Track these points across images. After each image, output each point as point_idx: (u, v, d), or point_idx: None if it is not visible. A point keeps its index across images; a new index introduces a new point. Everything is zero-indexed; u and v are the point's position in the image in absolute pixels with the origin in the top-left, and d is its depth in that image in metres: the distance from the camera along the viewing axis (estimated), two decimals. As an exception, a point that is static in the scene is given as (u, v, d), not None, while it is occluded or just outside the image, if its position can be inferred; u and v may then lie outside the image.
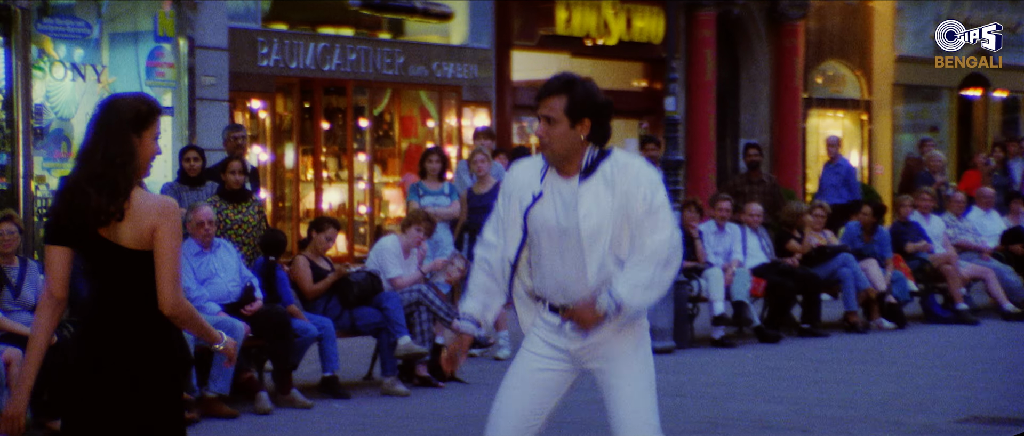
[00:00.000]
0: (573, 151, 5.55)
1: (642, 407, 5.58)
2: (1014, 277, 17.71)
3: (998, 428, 10.09)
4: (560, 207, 5.56)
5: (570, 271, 5.58)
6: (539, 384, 5.70)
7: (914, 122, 27.43)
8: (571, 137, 5.52)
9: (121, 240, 5.13)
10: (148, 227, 5.11)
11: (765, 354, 14.08)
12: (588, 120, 5.52)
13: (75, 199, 5.14)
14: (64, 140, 16.44)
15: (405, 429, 10.15)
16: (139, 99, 5.37)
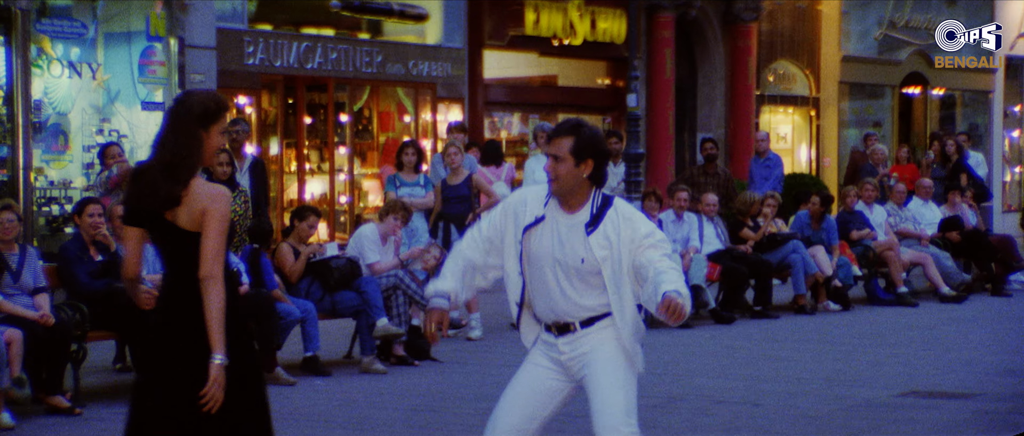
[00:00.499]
0: (577, 187, 5.77)
1: (615, 398, 5.67)
2: (950, 263, 17.81)
3: (934, 401, 10.16)
4: (558, 240, 5.77)
5: (563, 296, 5.77)
6: (537, 392, 5.87)
7: (859, 118, 27.53)
8: (575, 175, 5.74)
9: (179, 222, 5.42)
10: (199, 210, 5.38)
11: (720, 334, 14.13)
12: (591, 161, 5.74)
13: (146, 184, 5.45)
14: (61, 134, 16.40)
15: (383, 405, 10.16)
16: (209, 96, 5.62)
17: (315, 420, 9.66)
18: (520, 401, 5.86)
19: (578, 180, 5.74)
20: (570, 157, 5.73)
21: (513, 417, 5.84)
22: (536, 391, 5.86)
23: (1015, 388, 10.79)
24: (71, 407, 9.79)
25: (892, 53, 27.59)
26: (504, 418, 5.84)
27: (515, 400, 5.87)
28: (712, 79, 24.93)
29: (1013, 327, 14.90)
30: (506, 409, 5.86)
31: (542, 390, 5.86)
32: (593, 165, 5.74)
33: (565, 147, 5.73)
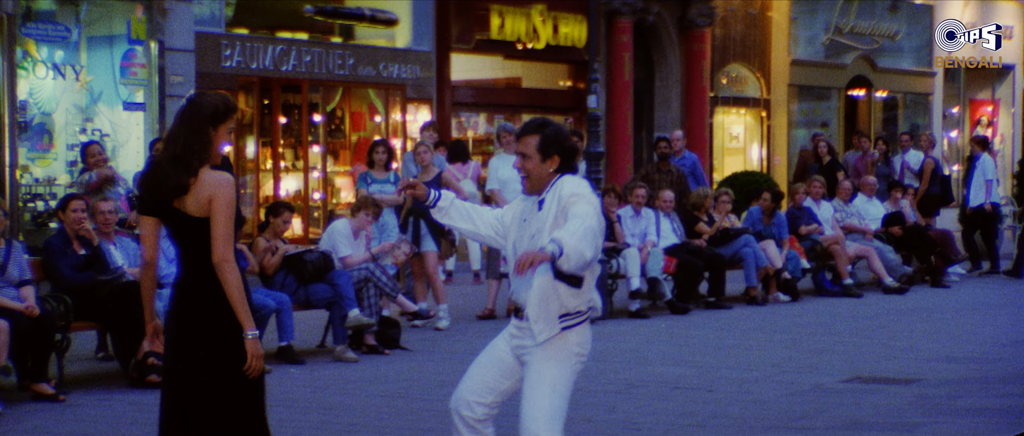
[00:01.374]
0: (544, 181, 5.85)
1: (541, 405, 5.69)
2: (893, 256, 17.90)
3: (877, 386, 10.21)
4: (527, 228, 5.88)
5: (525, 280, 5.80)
6: (496, 366, 5.96)
7: (807, 118, 27.63)
8: (542, 170, 5.84)
9: (188, 210, 5.58)
10: (206, 197, 5.54)
11: (676, 324, 14.17)
12: (557, 156, 5.83)
13: (157, 175, 5.62)
14: (46, 133, 16.33)
15: (355, 392, 10.15)
16: (220, 98, 5.78)
17: (290, 406, 9.64)
18: (480, 373, 5.97)
19: (546, 175, 5.82)
20: (536, 154, 5.81)
21: (471, 382, 5.96)
22: (493, 366, 5.96)
23: (954, 373, 10.86)
24: (55, 394, 9.75)
25: (838, 57, 27.70)
26: (464, 382, 5.98)
27: (476, 369, 6.00)
28: (668, 81, 24.97)
29: (951, 317, 14.99)
30: (469, 375, 6.00)
31: (498, 366, 5.95)
32: (559, 160, 5.82)
33: (532, 145, 5.82)
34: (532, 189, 5.86)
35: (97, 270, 10.52)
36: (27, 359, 9.80)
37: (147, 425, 8.95)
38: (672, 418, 8.96)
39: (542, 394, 5.71)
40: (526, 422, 5.70)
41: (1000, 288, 18.28)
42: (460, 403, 5.92)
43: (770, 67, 26.46)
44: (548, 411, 5.69)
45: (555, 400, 5.71)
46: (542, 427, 5.67)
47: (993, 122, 31.71)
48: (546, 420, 5.68)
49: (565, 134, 5.93)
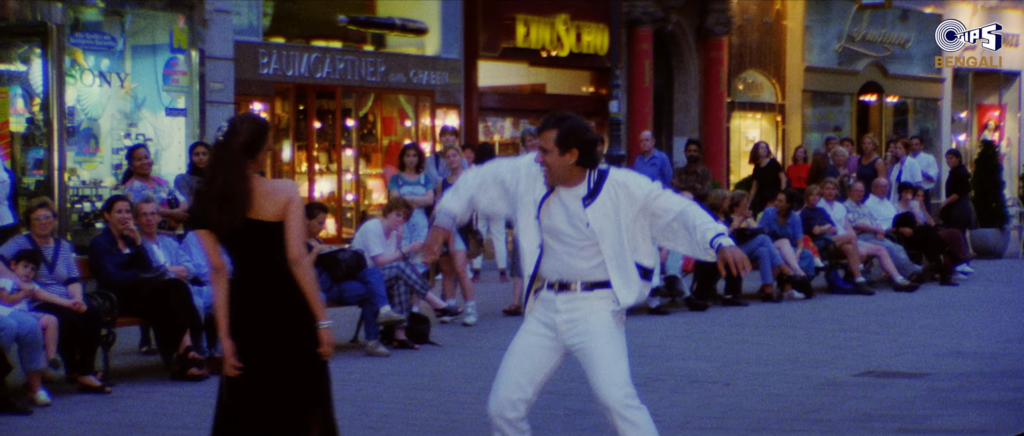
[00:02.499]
0: (567, 173, 5.79)
1: (616, 369, 5.72)
2: (904, 255, 17.83)
3: (889, 380, 10.17)
4: (566, 214, 5.81)
5: (573, 261, 5.81)
6: (531, 359, 5.89)
7: (821, 123, 27.55)
8: (562, 162, 5.77)
9: (264, 217, 5.65)
10: (283, 202, 5.65)
11: (694, 320, 14.14)
12: (576, 149, 5.75)
13: (199, 210, 5.70)
14: (93, 138, 16.41)
15: (385, 384, 10.16)
16: (248, 126, 5.73)
17: (324, 398, 9.65)
18: (517, 368, 5.89)
19: (566, 167, 5.77)
20: (556, 147, 5.76)
21: (510, 383, 5.87)
22: (530, 358, 5.89)
23: (962, 368, 10.81)
24: (101, 386, 9.79)
25: (850, 64, 27.62)
26: (502, 384, 5.88)
27: (512, 367, 5.90)
28: (687, 87, 24.93)
29: (959, 313, 14.93)
30: (503, 377, 5.90)
31: (535, 357, 5.89)
32: (578, 153, 5.76)
33: (550, 139, 5.77)
34: (554, 181, 5.80)
35: (140, 268, 10.55)
36: (74, 353, 9.84)
37: (188, 416, 8.98)
38: (691, 411, 8.95)
39: (614, 360, 5.74)
40: (607, 388, 5.68)
41: (1008, 286, 18.18)
42: (503, 406, 5.84)
43: (785, 73, 26.40)
44: (624, 374, 5.74)
45: (624, 362, 5.77)
46: (623, 390, 5.69)
47: (1000, 126, 31.57)
48: (625, 382, 5.72)
49: (583, 127, 5.85)
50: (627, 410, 5.66)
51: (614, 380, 5.68)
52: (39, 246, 10.10)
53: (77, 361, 9.86)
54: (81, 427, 8.65)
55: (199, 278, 11.03)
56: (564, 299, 5.84)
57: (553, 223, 5.82)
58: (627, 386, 5.70)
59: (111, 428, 8.61)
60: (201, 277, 11.05)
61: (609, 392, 5.66)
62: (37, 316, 9.52)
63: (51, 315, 9.61)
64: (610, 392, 5.66)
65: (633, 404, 5.68)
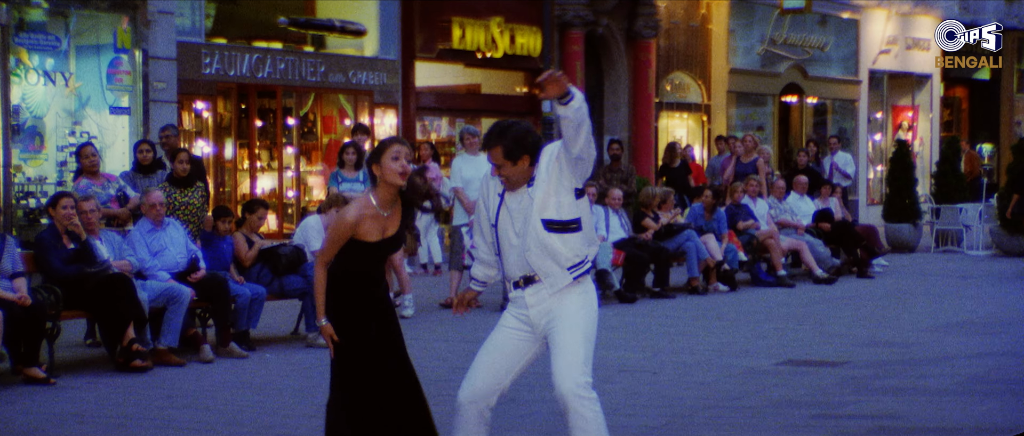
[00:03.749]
0: (525, 176, 5.76)
1: (574, 357, 5.63)
2: (824, 249, 18.03)
3: (808, 368, 10.26)
4: (519, 208, 5.76)
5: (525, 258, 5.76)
6: (507, 352, 5.85)
7: (744, 122, 27.73)
8: (517, 171, 5.74)
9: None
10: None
11: (624, 312, 14.20)
12: (526, 156, 5.73)
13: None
14: (37, 135, 16.23)
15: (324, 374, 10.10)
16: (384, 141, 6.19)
17: (264, 389, 9.63)
18: (493, 361, 5.85)
19: (524, 172, 5.74)
20: (507, 161, 5.72)
21: (487, 375, 5.83)
22: (506, 352, 5.85)
23: (878, 357, 10.94)
24: (46, 377, 9.71)
25: (772, 66, 27.84)
26: (479, 375, 5.84)
27: (488, 359, 5.86)
28: (617, 88, 25.01)
29: (876, 305, 15.10)
30: (480, 368, 5.85)
31: (511, 350, 5.85)
32: (529, 159, 5.73)
33: (499, 155, 5.73)
34: (515, 187, 5.77)
35: (85, 263, 10.46)
36: (20, 345, 9.76)
37: (131, 406, 8.92)
38: (619, 399, 8.98)
39: (577, 343, 5.66)
40: (563, 369, 5.61)
41: (920, 279, 18.42)
42: (478, 396, 5.80)
43: (710, 75, 26.55)
44: (583, 357, 5.65)
45: (588, 347, 5.69)
46: (580, 373, 5.61)
47: (913, 126, 31.95)
48: (582, 365, 5.64)
49: (523, 132, 5.79)
50: (576, 400, 5.58)
51: (569, 369, 5.61)
52: (-15, 241, 9.97)
53: (22, 353, 9.78)
54: (27, 417, 8.56)
55: (143, 272, 10.95)
56: (531, 292, 5.79)
57: (508, 224, 5.79)
58: (581, 376, 5.61)
59: (56, 418, 8.53)
60: (144, 271, 10.97)
61: (561, 380, 5.61)
62: (-17, 310, 9.41)
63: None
64: (562, 380, 5.61)
65: (584, 394, 5.60)
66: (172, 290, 10.81)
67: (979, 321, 13.41)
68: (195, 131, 18.64)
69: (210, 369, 10.50)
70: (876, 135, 31.26)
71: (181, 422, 8.37)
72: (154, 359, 10.47)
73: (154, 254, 11.14)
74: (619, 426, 8.06)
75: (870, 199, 29.82)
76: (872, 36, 30.05)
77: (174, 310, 10.74)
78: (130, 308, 10.33)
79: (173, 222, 11.52)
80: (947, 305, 14.97)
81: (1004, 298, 15.70)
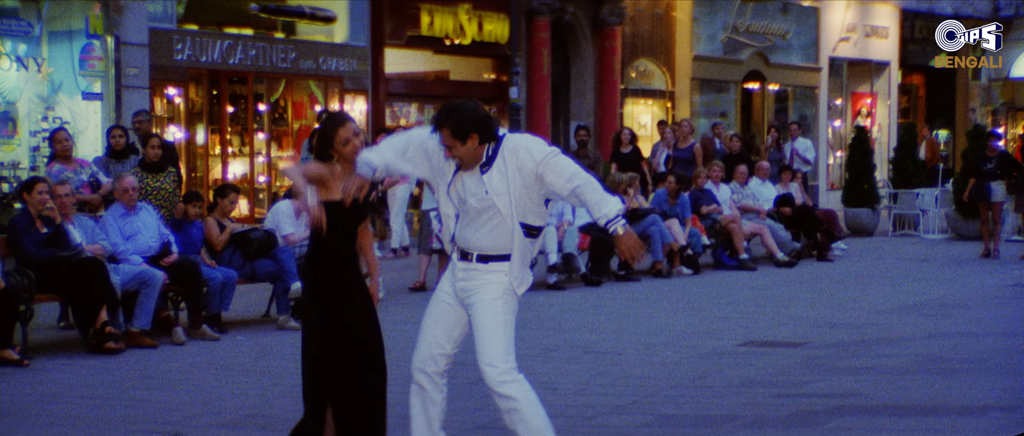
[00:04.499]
0: (476, 155, 5.73)
1: (493, 346, 5.70)
2: (785, 233, 18.10)
3: (769, 349, 10.29)
4: (471, 185, 5.76)
5: (474, 232, 5.79)
6: (444, 317, 5.93)
7: (708, 109, 27.81)
8: (468, 150, 5.70)
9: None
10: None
11: (589, 295, 14.24)
12: (475, 134, 5.68)
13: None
14: (10, 120, 16.14)
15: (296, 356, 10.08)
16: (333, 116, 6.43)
17: (237, 369, 9.62)
18: (432, 325, 5.95)
19: (473, 152, 5.72)
20: (456, 141, 5.70)
21: (427, 339, 5.93)
22: (440, 318, 5.94)
23: (837, 338, 11.01)
24: (20, 360, 9.67)
25: (735, 54, 27.92)
26: (422, 341, 5.95)
27: (428, 325, 5.96)
28: (583, 75, 25.04)
29: (835, 287, 15.19)
30: (425, 334, 5.96)
31: (444, 317, 5.93)
32: (477, 136, 5.69)
33: (448, 136, 5.71)
34: (468, 166, 5.77)
35: (58, 247, 10.41)
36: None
37: (104, 386, 8.90)
38: (584, 378, 9.02)
39: (496, 333, 5.72)
40: (486, 357, 5.69)
41: (878, 262, 18.54)
42: (424, 361, 5.90)
43: (674, 62, 26.61)
44: (504, 345, 5.71)
45: (507, 335, 5.76)
46: (501, 360, 5.68)
47: (871, 113, 32.12)
48: (504, 353, 5.70)
49: (469, 111, 5.73)
50: (501, 386, 5.67)
51: (489, 357, 5.70)
52: (-42, 225, 9.91)
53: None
54: (1, 398, 8.52)
55: (115, 256, 10.91)
56: (463, 267, 5.86)
57: (461, 196, 5.81)
58: (502, 362, 5.69)
59: (30, 399, 8.49)
60: (117, 255, 10.93)
61: (485, 370, 5.71)
62: (-43, 293, 9.35)
63: (-28, 290, 9.45)
64: (485, 370, 5.71)
65: (507, 379, 5.67)
66: (144, 274, 10.77)
67: (934, 303, 13.51)
68: (167, 117, 18.55)
69: (182, 351, 10.48)
70: (836, 121, 31.41)
71: (154, 402, 8.36)
72: (127, 341, 10.44)
73: (127, 238, 11.10)
74: (585, 404, 8.10)
75: (830, 184, 29.96)
76: (832, 24, 30.17)
77: (146, 293, 10.70)
78: (103, 291, 10.29)
79: (145, 207, 11.47)
80: (904, 287, 15.07)
81: (959, 281, 15.83)
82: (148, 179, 12.31)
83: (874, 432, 7.17)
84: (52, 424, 7.73)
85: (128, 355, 10.17)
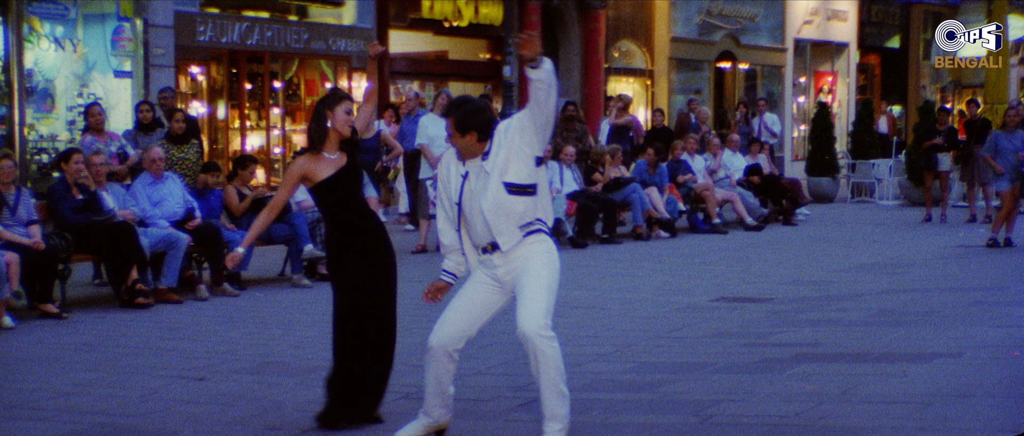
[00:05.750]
0: (472, 149, 5.66)
1: (537, 304, 5.54)
2: (754, 200, 18.15)
3: (739, 304, 10.32)
4: (480, 184, 5.65)
5: (488, 226, 5.65)
6: (478, 302, 5.74)
7: (684, 86, 27.77)
8: (465, 143, 5.66)
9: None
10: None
11: (576, 256, 14.27)
12: (474, 132, 5.64)
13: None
14: (49, 97, 16.10)
15: (308, 311, 10.16)
16: (333, 91, 6.43)
17: (254, 322, 9.65)
18: (464, 310, 5.75)
19: (470, 145, 5.67)
20: (456, 132, 5.67)
21: (457, 323, 5.74)
22: (476, 303, 5.75)
23: (800, 294, 11.06)
24: (59, 313, 9.72)
25: (709, 35, 27.86)
26: (450, 323, 5.75)
27: (460, 309, 5.75)
28: (570, 54, 24.98)
29: (799, 249, 15.24)
30: (451, 316, 5.76)
31: (481, 302, 5.75)
32: (477, 134, 5.65)
33: (451, 125, 5.68)
34: (465, 156, 5.71)
35: (92, 212, 10.43)
36: (36, 285, 9.76)
37: (135, 337, 8.95)
38: (572, 331, 9.07)
39: (540, 292, 5.56)
40: (526, 315, 5.52)
41: (838, 226, 18.58)
42: (446, 341, 5.72)
43: (653, 43, 26.55)
44: (545, 306, 5.55)
45: (550, 297, 5.61)
46: (541, 318, 5.51)
47: (832, 90, 32.11)
48: (544, 311, 5.54)
49: (475, 110, 5.68)
50: (539, 339, 5.50)
51: (532, 313, 5.52)
52: (2, 192, 9.94)
53: (37, 292, 9.78)
54: (41, 347, 8.57)
55: (144, 221, 10.92)
56: (499, 256, 5.69)
57: (472, 196, 5.68)
58: (542, 319, 5.52)
59: (68, 348, 8.54)
60: (146, 220, 10.94)
61: (525, 323, 5.51)
62: (2, 253, 9.39)
63: (14, 252, 9.50)
64: (525, 323, 5.51)
65: (545, 334, 5.52)
66: (171, 236, 10.79)
67: (888, 262, 13.56)
68: (191, 93, 18.51)
69: (205, 306, 10.51)
70: (800, 98, 31.39)
71: (180, 351, 8.40)
72: (155, 297, 10.47)
73: (154, 204, 11.11)
74: (573, 353, 8.14)
75: (794, 155, 29.97)
76: (797, 8, 30.10)
77: (173, 254, 10.73)
78: (133, 252, 10.33)
79: (171, 176, 11.49)
80: (861, 248, 15.12)
81: (910, 242, 15.88)
82: (173, 150, 12.32)
83: (833, 377, 7.22)
84: (88, 370, 7.78)
85: (156, 309, 10.20)
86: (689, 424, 6.20)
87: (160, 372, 7.67)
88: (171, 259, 10.71)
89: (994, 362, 7.56)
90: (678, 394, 6.93)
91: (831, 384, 7.00)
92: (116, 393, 7.09)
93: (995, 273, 12.46)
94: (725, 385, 7.10)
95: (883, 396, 6.65)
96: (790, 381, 7.14)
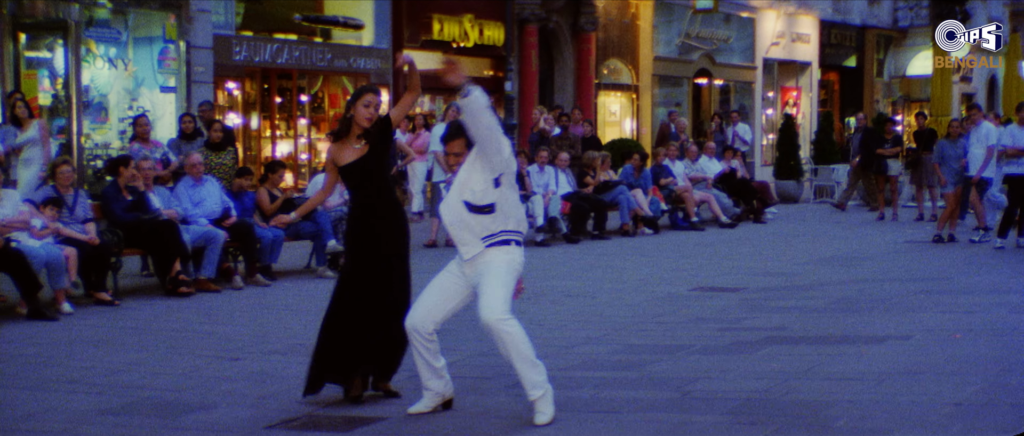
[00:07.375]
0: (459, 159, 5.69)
1: (495, 297, 5.51)
2: (728, 201, 18.13)
3: (714, 293, 10.33)
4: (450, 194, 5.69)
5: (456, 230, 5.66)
6: (446, 289, 5.72)
7: (665, 100, 27.74)
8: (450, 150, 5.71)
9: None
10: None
11: (570, 251, 14.27)
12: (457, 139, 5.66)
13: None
14: (103, 109, 16.14)
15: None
16: (359, 87, 6.48)
17: (284, 309, 9.66)
18: (431, 296, 5.75)
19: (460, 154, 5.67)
20: (466, 150, 5.64)
21: (424, 306, 5.73)
22: (444, 290, 5.73)
23: (768, 284, 11.06)
24: (111, 300, 9.73)
25: (688, 55, 27.84)
26: (419, 306, 5.78)
27: (428, 294, 5.77)
28: (564, 72, 24.97)
29: (768, 244, 15.23)
30: (422, 300, 5.78)
31: (448, 290, 5.73)
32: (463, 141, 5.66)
33: (460, 146, 5.66)
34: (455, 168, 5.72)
35: (141, 211, 10.45)
36: (91, 275, 9.77)
37: (177, 322, 8.95)
38: (566, 316, 9.08)
39: (495, 287, 5.52)
40: (485, 305, 5.49)
41: (802, 223, 18.58)
42: (416, 322, 5.71)
43: (638, 62, 26.54)
44: (502, 297, 5.52)
45: (505, 291, 5.55)
46: (499, 307, 5.49)
47: (797, 104, 32.11)
48: (502, 302, 5.51)
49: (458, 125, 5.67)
50: (498, 324, 5.48)
51: (490, 305, 5.49)
52: (62, 194, 9.96)
53: (93, 282, 9.79)
54: (96, 330, 8.57)
55: (186, 219, 10.92)
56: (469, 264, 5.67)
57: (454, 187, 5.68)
58: (500, 306, 5.49)
59: (119, 331, 8.54)
60: (188, 218, 10.94)
61: (484, 313, 5.48)
62: (61, 248, 9.42)
63: (72, 247, 9.52)
64: (485, 313, 5.48)
65: (504, 318, 5.48)
66: (209, 233, 10.79)
67: (846, 256, 13.56)
68: (227, 106, 18.51)
69: (240, 294, 10.52)
70: (768, 110, 31.37)
71: (218, 334, 8.40)
72: (196, 286, 10.48)
73: (195, 204, 11.12)
74: (565, 337, 8.15)
75: (764, 161, 29.95)
76: (765, 31, 30.10)
77: (211, 249, 10.73)
78: (176, 247, 10.33)
79: (210, 179, 11.49)
80: (822, 244, 15.11)
81: (866, 238, 15.88)
82: (211, 156, 12.33)
83: (798, 357, 7.22)
84: (138, 350, 7.79)
85: (197, 298, 10.21)
86: (671, 399, 6.21)
87: (200, 353, 7.68)
88: (210, 253, 10.72)
89: (939, 344, 7.57)
90: (661, 373, 6.93)
91: (796, 363, 7.00)
92: (161, 371, 7.09)
93: (940, 265, 12.46)
94: (702, 364, 7.10)
95: (842, 373, 6.65)
96: (760, 361, 7.15)
